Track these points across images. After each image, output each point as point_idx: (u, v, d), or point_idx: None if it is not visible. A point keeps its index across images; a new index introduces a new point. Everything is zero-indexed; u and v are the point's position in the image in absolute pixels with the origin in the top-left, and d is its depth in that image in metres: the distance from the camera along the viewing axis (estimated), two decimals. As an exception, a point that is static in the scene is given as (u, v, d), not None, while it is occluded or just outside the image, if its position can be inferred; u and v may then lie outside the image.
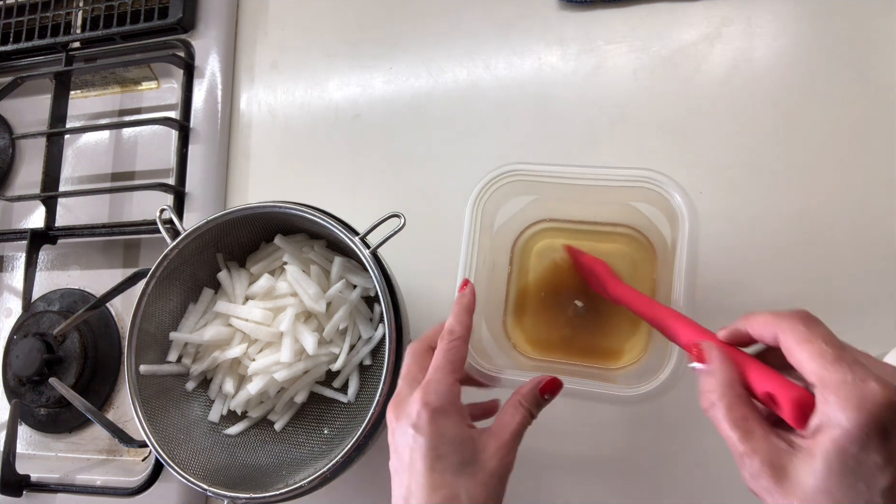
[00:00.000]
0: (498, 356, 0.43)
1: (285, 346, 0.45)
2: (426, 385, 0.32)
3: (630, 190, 0.38)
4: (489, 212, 0.41)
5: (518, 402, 0.34)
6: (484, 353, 0.39)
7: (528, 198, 0.44)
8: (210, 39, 0.63)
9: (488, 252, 0.42)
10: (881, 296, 0.45)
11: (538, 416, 0.35)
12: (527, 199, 0.44)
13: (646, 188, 0.38)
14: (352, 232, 0.44)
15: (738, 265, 0.48)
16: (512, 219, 0.45)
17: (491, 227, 0.43)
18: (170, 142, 0.62)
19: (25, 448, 0.61)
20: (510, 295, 0.47)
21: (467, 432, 0.32)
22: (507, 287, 0.47)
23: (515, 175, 0.40)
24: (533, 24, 0.56)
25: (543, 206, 0.46)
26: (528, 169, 0.40)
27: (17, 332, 0.61)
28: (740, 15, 0.51)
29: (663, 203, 0.38)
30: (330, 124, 0.59)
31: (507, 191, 0.41)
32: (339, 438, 0.46)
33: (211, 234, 0.47)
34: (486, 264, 0.41)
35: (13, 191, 0.68)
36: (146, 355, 0.47)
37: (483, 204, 0.40)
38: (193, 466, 0.44)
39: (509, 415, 0.33)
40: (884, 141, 0.47)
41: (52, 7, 0.67)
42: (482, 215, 0.40)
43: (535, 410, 0.34)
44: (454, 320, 0.35)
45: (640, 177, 0.37)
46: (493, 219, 0.43)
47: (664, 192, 0.37)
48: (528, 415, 0.34)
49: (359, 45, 0.60)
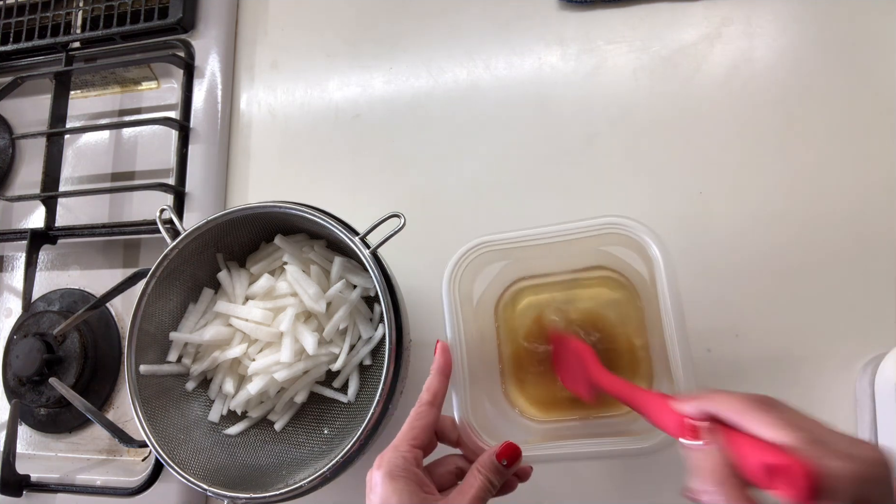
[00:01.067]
0: (504, 427, 0.43)
1: (285, 346, 0.45)
2: (385, 451, 0.35)
3: (599, 237, 0.39)
4: (466, 284, 0.41)
5: (476, 471, 0.35)
6: (488, 427, 0.39)
7: (502, 263, 0.44)
8: (210, 39, 0.63)
9: (472, 323, 0.42)
10: (881, 296, 0.45)
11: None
12: (501, 265, 0.45)
13: (615, 234, 0.38)
14: (352, 232, 0.44)
15: (737, 265, 0.48)
16: (489, 286, 0.45)
17: (471, 299, 0.43)
18: (170, 142, 0.62)
19: (25, 448, 0.61)
20: (504, 361, 0.46)
21: (417, 498, 0.32)
22: (499, 353, 0.46)
23: (486, 247, 0.40)
24: (533, 24, 0.56)
25: (518, 267, 0.46)
26: (496, 239, 0.40)
27: (17, 332, 0.61)
28: (740, 15, 0.51)
29: (634, 245, 0.39)
30: (330, 124, 0.59)
31: (480, 262, 0.41)
32: (339, 438, 0.46)
33: (211, 234, 0.47)
34: (474, 336, 0.41)
35: (13, 191, 0.68)
36: (146, 355, 0.47)
37: (458, 279, 0.40)
38: (193, 466, 0.44)
39: (467, 483, 0.34)
40: (884, 141, 0.47)
41: (52, 7, 0.67)
42: (460, 289, 0.40)
43: (495, 478, 0.34)
44: (426, 384, 0.37)
45: (608, 224, 0.38)
46: (470, 290, 0.43)
47: (634, 237, 0.38)
48: (486, 482, 0.34)
49: (359, 45, 0.60)
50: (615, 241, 0.40)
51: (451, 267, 0.40)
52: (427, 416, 0.36)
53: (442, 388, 0.37)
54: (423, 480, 0.34)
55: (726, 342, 0.47)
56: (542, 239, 0.39)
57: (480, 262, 0.41)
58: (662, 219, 0.49)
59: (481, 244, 0.40)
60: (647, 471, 0.47)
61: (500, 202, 0.53)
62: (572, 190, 0.52)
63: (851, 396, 0.44)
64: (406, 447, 0.35)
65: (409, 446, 0.35)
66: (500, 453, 0.35)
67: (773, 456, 0.25)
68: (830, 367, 0.45)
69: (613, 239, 0.39)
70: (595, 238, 0.39)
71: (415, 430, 0.35)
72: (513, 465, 0.35)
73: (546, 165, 0.53)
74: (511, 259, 0.44)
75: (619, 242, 0.40)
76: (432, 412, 0.36)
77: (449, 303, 0.40)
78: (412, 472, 0.34)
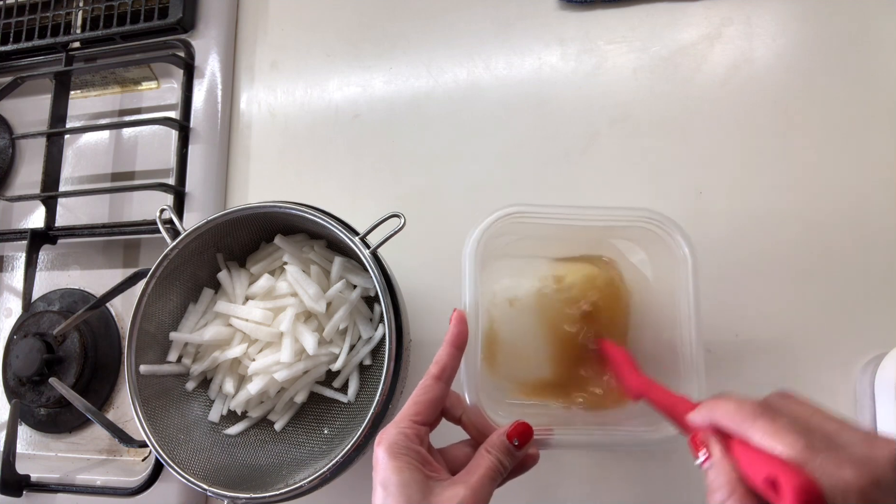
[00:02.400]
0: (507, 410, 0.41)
1: (285, 346, 0.45)
2: (387, 426, 0.33)
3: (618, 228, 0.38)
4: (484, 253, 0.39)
5: (485, 451, 0.33)
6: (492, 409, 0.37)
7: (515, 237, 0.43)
8: (210, 39, 0.63)
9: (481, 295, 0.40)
10: (881, 296, 0.45)
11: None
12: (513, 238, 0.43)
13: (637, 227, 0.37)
14: (352, 232, 0.44)
15: (737, 265, 0.48)
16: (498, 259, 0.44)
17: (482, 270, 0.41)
18: (170, 142, 0.62)
19: (25, 448, 0.61)
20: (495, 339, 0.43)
21: (417, 475, 0.31)
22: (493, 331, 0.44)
23: (516, 218, 0.39)
24: (533, 24, 0.56)
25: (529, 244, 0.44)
26: (529, 211, 0.38)
27: (17, 332, 0.61)
28: (740, 15, 0.51)
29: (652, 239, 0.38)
30: (330, 124, 0.59)
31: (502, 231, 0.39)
32: (339, 438, 0.46)
33: (211, 234, 0.47)
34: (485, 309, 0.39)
35: (13, 191, 0.68)
36: (146, 355, 0.47)
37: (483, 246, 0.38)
38: (193, 466, 0.44)
39: (475, 463, 0.33)
40: (884, 141, 0.47)
41: (52, 7, 0.67)
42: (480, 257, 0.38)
43: (505, 459, 0.33)
44: (436, 356, 0.35)
45: (641, 217, 0.37)
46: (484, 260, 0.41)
47: (663, 234, 0.37)
48: (496, 462, 0.32)
49: (359, 44, 0.60)
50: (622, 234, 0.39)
51: (479, 233, 0.38)
52: (432, 391, 0.34)
53: (452, 361, 0.34)
54: (426, 458, 0.32)
55: (726, 342, 0.47)
56: (574, 219, 0.38)
57: (502, 231, 0.39)
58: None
59: (514, 213, 0.38)
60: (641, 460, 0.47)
61: (500, 202, 0.53)
62: (572, 190, 0.52)
63: (851, 396, 0.44)
64: (407, 423, 0.33)
65: (410, 422, 0.33)
66: (511, 433, 0.33)
67: (770, 468, 0.24)
68: (830, 367, 0.45)
69: (625, 232, 0.38)
70: (621, 228, 0.38)
71: (418, 404, 0.33)
72: (524, 445, 0.33)
73: (546, 165, 0.53)
74: (528, 236, 0.42)
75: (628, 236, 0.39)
76: (438, 386, 0.34)
77: (470, 269, 0.37)
78: (413, 450, 0.32)
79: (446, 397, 0.35)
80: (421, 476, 0.31)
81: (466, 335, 0.36)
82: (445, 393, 0.35)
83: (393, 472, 0.30)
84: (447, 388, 0.35)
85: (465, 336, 0.36)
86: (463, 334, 0.35)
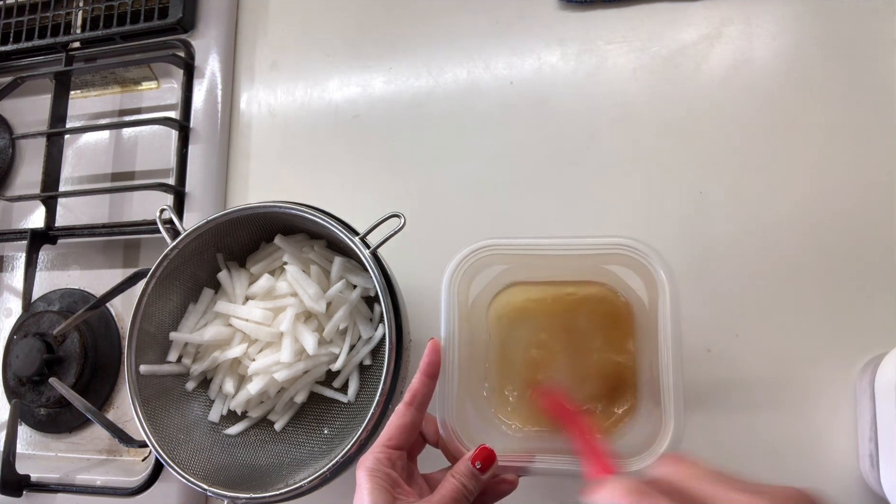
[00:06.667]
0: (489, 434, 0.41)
1: (285, 346, 0.45)
2: (368, 450, 0.36)
3: (604, 256, 0.38)
4: (464, 285, 0.40)
5: (451, 475, 0.35)
6: (472, 432, 0.38)
7: (501, 267, 0.43)
8: (210, 39, 0.63)
9: (466, 324, 0.40)
10: (881, 296, 0.45)
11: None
12: (499, 269, 0.43)
13: (622, 255, 0.38)
14: (352, 232, 0.44)
15: (738, 265, 0.48)
16: (484, 288, 0.44)
17: (466, 301, 0.42)
18: (170, 142, 0.62)
19: (25, 448, 0.61)
20: (490, 365, 0.43)
21: (385, 496, 0.33)
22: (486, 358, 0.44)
23: (490, 250, 0.39)
24: (533, 24, 0.56)
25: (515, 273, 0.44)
26: (501, 244, 0.39)
27: (17, 332, 0.61)
28: (740, 15, 0.51)
29: (637, 266, 0.38)
30: (330, 124, 0.59)
31: (481, 264, 0.40)
32: (339, 438, 0.46)
33: (211, 234, 0.47)
34: (465, 338, 0.40)
35: (13, 191, 0.68)
36: (146, 355, 0.47)
37: (459, 280, 0.39)
38: (193, 466, 0.44)
39: (441, 486, 0.34)
40: (883, 141, 0.47)
41: (52, 7, 0.67)
42: (458, 290, 0.39)
43: (469, 482, 0.34)
44: (410, 384, 0.37)
45: (617, 245, 0.37)
46: (467, 292, 0.42)
47: (643, 261, 0.37)
48: (460, 486, 0.34)
49: (359, 45, 0.60)
50: (618, 261, 0.39)
51: (454, 267, 0.39)
52: (404, 417, 0.36)
53: (423, 388, 0.37)
54: (396, 481, 0.34)
55: (726, 342, 0.47)
56: (549, 250, 0.39)
57: (481, 264, 0.40)
58: (662, 219, 0.50)
59: (486, 247, 0.39)
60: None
61: (500, 202, 0.53)
62: (572, 190, 0.52)
63: (851, 396, 0.44)
64: (379, 447, 0.35)
65: (381, 447, 0.35)
66: (474, 457, 0.35)
67: None
68: (830, 367, 0.45)
69: (618, 259, 0.38)
70: (601, 256, 0.38)
71: (390, 429, 0.36)
72: (487, 469, 0.35)
73: (546, 165, 0.53)
74: (511, 265, 0.43)
75: (622, 262, 0.39)
76: (410, 412, 0.36)
77: (447, 302, 0.39)
78: (384, 473, 0.34)
79: (420, 423, 0.37)
80: (388, 497, 0.33)
81: (439, 365, 0.37)
82: (418, 419, 0.37)
83: (366, 493, 0.33)
84: (420, 415, 0.37)
85: (436, 366, 0.37)
86: (435, 364, 0.37)
